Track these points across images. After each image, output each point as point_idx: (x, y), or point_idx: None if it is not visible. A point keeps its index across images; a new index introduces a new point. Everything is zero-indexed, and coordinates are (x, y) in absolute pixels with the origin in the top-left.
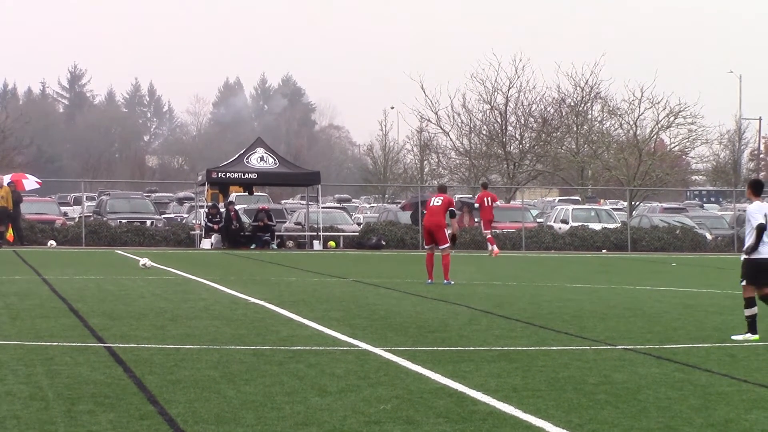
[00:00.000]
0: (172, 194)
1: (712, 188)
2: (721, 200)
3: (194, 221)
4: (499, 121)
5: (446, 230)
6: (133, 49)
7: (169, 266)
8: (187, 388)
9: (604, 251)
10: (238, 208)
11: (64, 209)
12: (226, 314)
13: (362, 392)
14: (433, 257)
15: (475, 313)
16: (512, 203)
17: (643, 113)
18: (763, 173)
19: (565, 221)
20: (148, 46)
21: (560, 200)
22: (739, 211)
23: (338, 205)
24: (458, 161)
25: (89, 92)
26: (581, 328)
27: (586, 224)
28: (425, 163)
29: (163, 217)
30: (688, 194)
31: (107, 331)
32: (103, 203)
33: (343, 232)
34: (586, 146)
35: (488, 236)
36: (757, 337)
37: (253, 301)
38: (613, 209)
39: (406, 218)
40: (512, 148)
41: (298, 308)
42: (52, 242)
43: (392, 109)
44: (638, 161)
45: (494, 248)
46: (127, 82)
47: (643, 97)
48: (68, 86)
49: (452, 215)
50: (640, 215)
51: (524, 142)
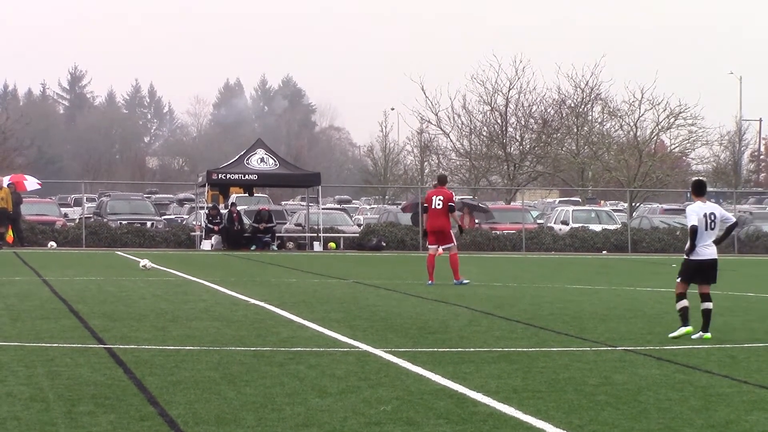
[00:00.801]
0: (172, 195)
1: (712, 190)
2: (721, 201)
3: (194, 222)
4: (499, 122)
5: (451, 229)
6: (133, 50)
7: (169, 267)
8: (187, 389)
9: (604, 252)
10: (238, 209)
11: (64, 210)
12: (226, 315)
13: (363, 393)
14: (434, 258)
15: (475, 314)
16: (512, 204)
17: (643, 114)
18: (763, 174)
19: (565, 222)
20: (148, 47)
21: (560, 201)
22: (739, 212)
23: (338, 206)
24: (458, 162)
25: (89, 93)
26: (582, 329)
27: (586, 225)
28: (425, 164)
29: (163, 218)
30: (688, 195)
31: (108, 332)
32: (103, 204)
33: (343, 233)
34: (586, 147)
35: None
36: (689, 329)
37: (253, 302)
38: (613, 210)
39: (406, 219)
40: (512, 149)
41: (298, 309)
42: (52, 243)
43: (392, 110)
44: (638, 162)
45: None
46: (127, 83)
47: (643, 98)
48: (69, 87)
49: (451, 210)
50: (640, 216)
51: (524, 143)
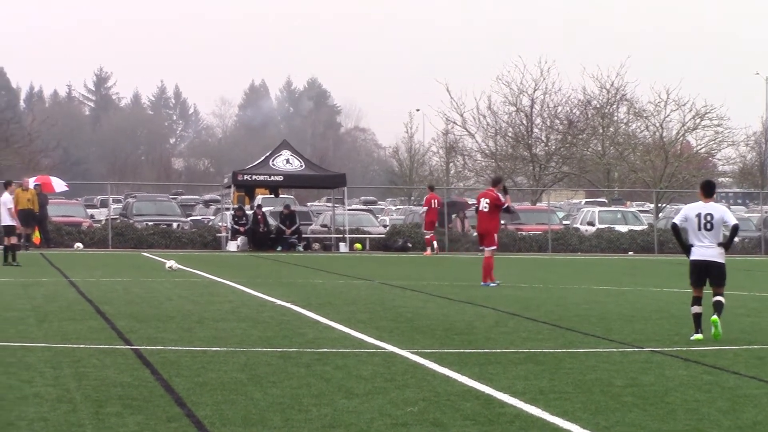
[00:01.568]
0: (198, 196)
1: (738, 190)
2: (747, 202)
3: (220, 223)
4: (524, 123)
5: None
6: (158, 51)
7: (195, 268)
8: (214, 390)
9: (630, 253)
10: (263, 210)
11: (90, 212)
12: (252, 316)
13: (389, 394)
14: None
15: (501, 315)
16: (538, 205)
17: (669, 115)
18: None
19: (591, 223)
20: (173, 48)
21: (586, 202)
22: (765, 213)
23: (364, 207)
24: (484, 163)
25: (115, 95)
26: (608, 330)
27: (612, 226)
28: (451, 165)
29: (189, 219)
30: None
31: (134, 333)
32: (129, 205)
33: (369, 234)
34: (612, 148)
35: (427, 237)
36: (699, 336)
37: (279, 303)
38: (639, 211)
39: None
40: (538, 150)
41: (324, 310)
42: (78, 244)
43: (418, 111)
44: (664, 163)
45: (428, 249)
46: (152, 84)
47: (669, 99)
48: (94, 89)
49: (506, 210)
50: (666, 217)
51: (550, 144)
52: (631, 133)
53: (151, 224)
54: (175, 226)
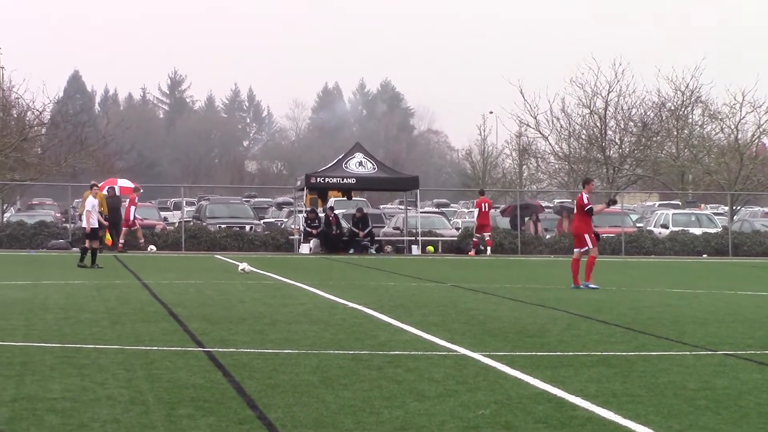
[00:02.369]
0: (271, 199)
1: None
2: None
3: (293, 226)
4: (598, 125)
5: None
6: (232, 55)
7: (268, 271)
8: (285, 392)
9: (704, 256)
10: (336, 213)
11: (164, 214)
12: (324, 319)
13: (461, 397)
14: (579, 262)
15: (574, 318)
16: (612, 208)
17: (744, 117)
18: None
19: (665, 226)
20: (247, 52)
21: (660, 205)
22: None
23: (437, 209)
24: (557, 166)
25: (189, 98)
26: (681, 333)
27: (686, 229)
28: (524, 167)
29: (262, 222)
30: None
31: (207, 335)
32: (202, 208)
33: (441, 236)
34: (686, 151)
35: (475, 240)
36: None
37: (351, 305)
38: (713, 214)
39: (505, 223)
40: (612, 152)
41: (396, 313)
42: (152, 247)
43: (491, 113)
44: (739, 165)
45: (473, 251)
46: (226, 87)
47: (744, 100)
48: (168, 92)
49: (589, 213)
50: (741, 220)
51: (624, 146)
52: (705, 135)
53: (224, 227)
54: (247, 228)
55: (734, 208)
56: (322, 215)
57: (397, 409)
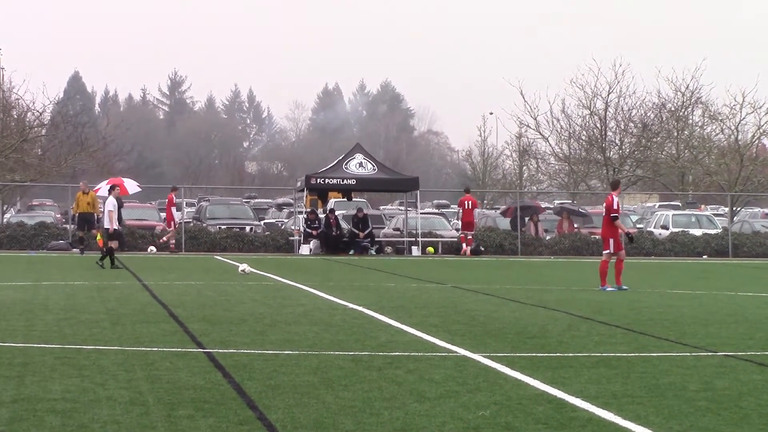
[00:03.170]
0: (271, 200)
1: None
2: None
3: (293, 227)
4: (598, 126)
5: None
6: (232, 55)
7: (268, 272)
8: (286, 393)
9: (704, 257)
10: (336, 214)
11: (164, 215)
12: (325, 320)
13: (461, 398)
14: (607, 264)
15: (574, 319)
16: None
17: (744, 118)
18: None
19: (665, 227)
20: (247, 52)
21: (660, 206)
22: None
23: (437, 210)
24: (557, 167)
25: (189, 99)
26: (682, 334)
27: (686, 230)
28: (524, 168)
29: (263, 222)
30: None
31: (207, 336)
32: (202, 209)
33: (441, 237)
34: (686, 151)
35: (461, 236)
36: None
37: (351, 306)
38: (713, 215)
39: (505, 224)
40: (612, 153)
41: (396, 314)
42: (152, 248)
43: (491, 114)
44: (739, 166)
45: (467, 249)
46: (226, 88)
47: (744, 101)
48: (168, 93)
49: (613, 219)
50: (741, 221)
51: (624, 147)
52: (705, 136)
53: (224, 227)
54: (248, 229)
55: (734, 209)
56: (322, 216)
57: (397, 410)
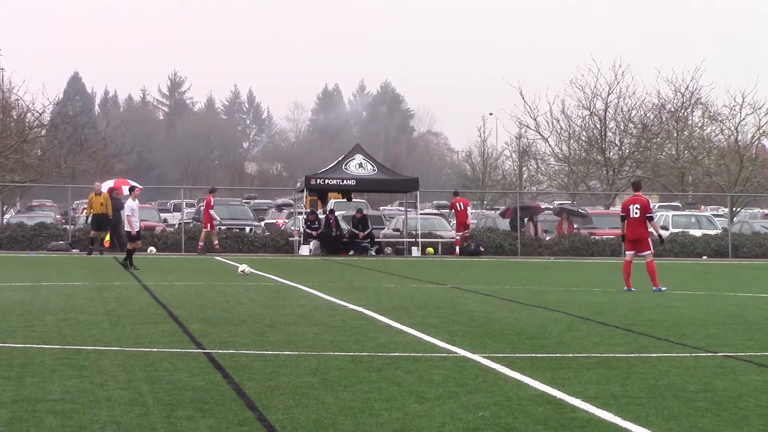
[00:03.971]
0: (270, 201)
1: None
2: None
3: (293, 228)
4: (598, 127)
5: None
6: (232, 56)
7: (268, 272)
8: (285, 394)
9: (704, 258)
10: (336, 214)
11: (163, 216)
12: (324, 320)
13: (461, 399)
14: (631, 265)
15: (574, 319)
16: (611, 209)
17: (744, 119)
18: None
19: (665, 227)
20: (247, 53)
21: (660, 206)
22: None
23: (437, 211)
24: (557, 167)
25: (189, 99)
26: (681, 335)
27: (686, 230)
28: (524, 169)
29: (263, 223)
30: None
31: (206, 337)
32: (202, 210)
33: (441, 238)
34: (686, 152)
35: (457, 239)
36: None
37: (351, 307)
38: (713, 215)
39: (504, 225)
40: (611, 154)
41: (396, 315)
42: (152, 248)
43: (491, 115)
44: (739, 167)
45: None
46: (226, 89)
47: (744, 102)
48: (168, 93)
49: (649, 219)
50: (741, 221)
51: (624, 148)
52: (705, 136)
53: (224, 228)
54: (247, 230)
55: (734, 209)
56: (322, 217)
57: (396, 410)
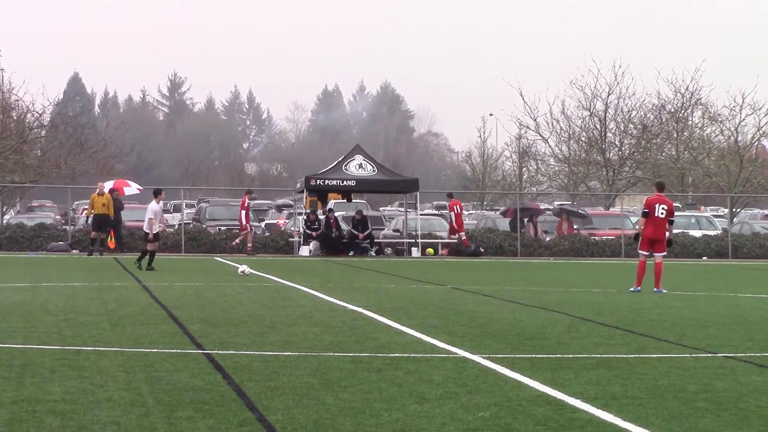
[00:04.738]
0: (270, 201)
1: None
2: None
3: (293, 228)
4: (598, 127)
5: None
6: (232, 57)
7: (267, 273)
8: (285, 394)
9: (704, 258)
10: (336, 215)
11: (167, 216)
12: (324, 321)
13: (461, 399)
14: (645, 265)
15: (574, 320)
16: (611, 210)
17: (744, 119)
18: None
19: None
20: (247, 53)
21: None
22: None
23: (436, 212)
24: (557, 168)
25: (189, 100)
26: (681, 335)
27: (686, 231)
28: (524, 170)
29: (263, 223)
30: None
31: (206, 337)
32: (202, 210)
33: (441, 239)
34: (686, 153)
35: (464, 239)
36: None
37: (351, 308)
38: (713, 216)
39: (504, 225)
40: (611, 154)
41: (396, 315)
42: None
43: (491, 116)
44: (739, 168)
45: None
46: (226, 89)
47: (744, 103)
48: (168, 94)
49: (671, 222)
50: (741, 222)
51: (624, 148)
52: (705, 137)
53: (224, 229)
54: None
55: (734, 210)
56: (322, 217)
57: (396, 411)
